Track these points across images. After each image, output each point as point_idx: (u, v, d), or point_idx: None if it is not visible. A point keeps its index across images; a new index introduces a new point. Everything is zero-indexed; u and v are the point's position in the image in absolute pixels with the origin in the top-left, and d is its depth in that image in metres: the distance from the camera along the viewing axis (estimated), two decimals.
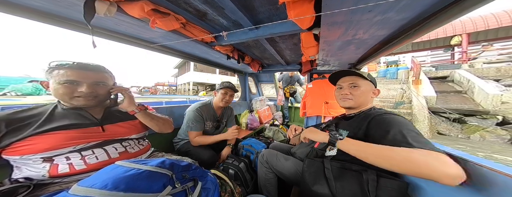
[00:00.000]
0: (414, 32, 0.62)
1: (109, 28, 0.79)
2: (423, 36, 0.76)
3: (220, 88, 1.13)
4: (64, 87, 0.53)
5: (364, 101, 0.66)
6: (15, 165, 0.49)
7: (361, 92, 0.66)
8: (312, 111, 1.62)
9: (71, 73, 0.53)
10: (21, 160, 0.48)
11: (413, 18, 0.58)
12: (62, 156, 0.51)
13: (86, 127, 0.57)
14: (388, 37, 0.75)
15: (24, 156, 0.47)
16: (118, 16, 0.64)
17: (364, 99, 0.66)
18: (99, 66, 0.62)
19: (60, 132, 0.52)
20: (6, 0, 0.54)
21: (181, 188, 0.46)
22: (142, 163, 0.45)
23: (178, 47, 1.10)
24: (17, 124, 0.48)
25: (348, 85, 0.68)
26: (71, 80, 0.53)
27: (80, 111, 0.59)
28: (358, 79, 0.67)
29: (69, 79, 0.53)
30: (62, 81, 0.52)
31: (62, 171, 0.50)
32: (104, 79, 0.62)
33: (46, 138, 0.49)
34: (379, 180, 0.48)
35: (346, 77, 0.70)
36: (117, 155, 0.60)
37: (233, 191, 0.74)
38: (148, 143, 0.77)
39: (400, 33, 0.69)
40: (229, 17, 0.81)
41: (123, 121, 0.68)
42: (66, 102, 0.57)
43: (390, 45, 0.79)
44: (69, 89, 0.54)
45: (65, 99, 0.55)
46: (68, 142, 0.52)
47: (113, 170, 0.40)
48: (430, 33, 6.36)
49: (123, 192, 0.35)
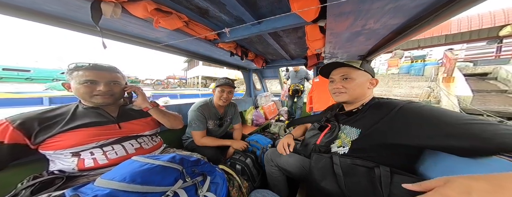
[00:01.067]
0: (433, 18, 0.55)
1: (117, 29, 0.83)
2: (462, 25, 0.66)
3: (216, 86, 1.09)
4: (84, 86, 0.58)
5: (360, 94, 0.60)
6: (50, 159, 0.56)
7: (355, 84, 0.59)
8: (319, 105, 1.58)
9: (89, 73, 0.58)
10: (54, 155, 0.54)
11: (431, 4, 0.52)
12: (87, 151, 0.57)
13: (105, 124, 0.63)
14: (402, 26, 0.68)
15: (57, 151, 0.53)
16: (124, 17, 0.67)
17: (360, 91, 0.60)
18: (112, 67, 0.67)
19: (83, 129, 0.57)
20: (20, 6, 0.58)
21: (191, 182, 0.49)
22: (155, 158, 0.48)
23: (183, 46, 1.12)
24: (47, 122, 0.54)
25: (340, 77, 0.62)
26: (90, 80, 0.58)
27: (98, 110, 0.64)
28: (351, 70, 0.60)
29: (88, 79, 0.58)
30: (82, 81, 0.57)
31: (88, 165, 0.56)
32: (117, 78, 0.67)
33: (72, 135, 0.55)
34: (393, 177, 0.45)
35: (337, 69, 0.64)
36: (134, 150, 0.65)
37: (241, 186, 0.77)
38: (161, 140, 0.82)
39: (416, 21, 0.62)
40: (231, 13, 0.80)
41: (137, 119, 0.73)
42: (87, 101, 0.62)
43: (404, 34, 0.71)
44: (89, 88, 0.59)
45: (86, 98, 0.60)
46: (90, 139, 0.57)
47: (130, 164, 0.44)
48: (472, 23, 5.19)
49: (140, 185, 0.39)
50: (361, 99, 0.62)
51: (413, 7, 0.53)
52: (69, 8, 0.61)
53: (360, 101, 0.62)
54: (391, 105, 0.51)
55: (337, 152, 0.59)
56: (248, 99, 2.34)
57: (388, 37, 0.82)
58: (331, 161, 0.55)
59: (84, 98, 0.61)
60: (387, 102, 0.53)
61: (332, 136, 0.62)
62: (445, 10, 0.50)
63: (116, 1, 0.59)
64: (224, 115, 1.20)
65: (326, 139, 0.64)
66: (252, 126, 2.01)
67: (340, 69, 0.63)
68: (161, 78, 23.58)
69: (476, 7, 0.54)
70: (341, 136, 0.60)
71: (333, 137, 0.62)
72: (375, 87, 0.62)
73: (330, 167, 0.55)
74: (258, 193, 0.60)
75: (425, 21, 0.58)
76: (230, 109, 1.27)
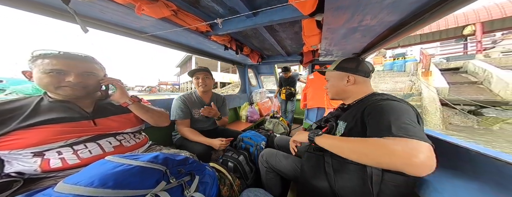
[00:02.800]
0: (429, 16, 0.55)
1: (95, 16, 0.74)
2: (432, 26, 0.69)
3: (191, 76, 1.07)
4: (49, 76, 0.50)
5: (338, 92, 0.68)
6: (5, 160, 0.48)
7: (331, 85, 0.70)
8: (313, 102, 1.59)
9: (57, 62, 0.50)
10: (10, 155, 0.46)
11: (428, 1, 0.51)
12: (53, 151, 0.49)
13: (76, 121, 0.55)
14: (397, 23, 0.68)
15: (13, 151, 0.45)
16: (100, 1, 0.58)
17: (339, 89, 0.67)
18: (88, 56, 0.58)
19: (48, 126, 0.49)
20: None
21: (176, 183, 0.44)
22: (132, 158, 0.42)
23: (172, 37, 1.04)
24: (1, 117, 0.46)
25: (325, 79, 0.74)
26: (57, 69, 0.50)
27: (68, 104, 0.56)
28: (328, 74, 0.71)
29: (55, 68, 0.50)
30: (48, 70, 0.49)
31: (54, 166, 0.49)
32: (93, 69, 0.58)
33: (33, 132, 0.47)
34: (384, 175, 0.45)
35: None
36: (112, 149, 0.58)
37: (233, 184, 0.73)
38: (145, 136, 0.75)
39: (411, 19, 0.62)
40: (224, 3, 0.74)
41: (116, 115, 0.65)
42: (52, 93, 0.54)
43: (399, 32, 0.72)
44: (56, 78, 0.51)
45: (50, 89, 0.52)
46: (57, 137, 0.50)
47: (101, 165, 0.38)
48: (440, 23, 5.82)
49: (111, 189, 0.33)
50: (347, 96, 0.66)
51: (412, 2, 0.52)
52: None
53: (354, 97, 0.64)
54: (367, 102, 0.54)
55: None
56: (243, 95, 2.30)
57: (383, 34, 0.81)
58: (323, 159, 0.55)
59: (48, 89, 0.52)
60: (369, 100, 0.56)
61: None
62: (440, 8, 0.50)
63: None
64: (210, 104, 1.14)
65: None
66: (246, 123, 1.98)
67: (326, 73, 0.74)
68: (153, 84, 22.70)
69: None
70: (336, 133, 0.60)
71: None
72: (353, 83, 0.63)
73: (321, 165, 0.55)
74: (250, 193, 0.57)
75: (421, 19, 0.58)
76: (218, 99, 1.23)
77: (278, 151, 0.83)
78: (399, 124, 0.40)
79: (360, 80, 0.63)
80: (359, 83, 0.63)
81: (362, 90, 0.63)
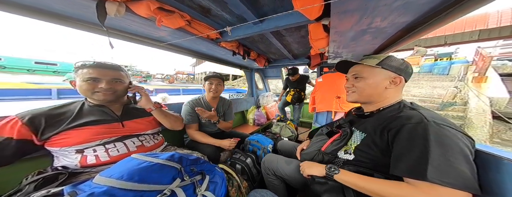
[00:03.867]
0: (445, 15, 0.51)
1: (122, 28, 0.84)
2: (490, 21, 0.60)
3: (205, 80, 1.13)
4: (87, 83, 0.60)
5: (373, 94, 0.54)
6: (55, 155, 0.58)
7: (366, 84, 0.54)
8: (322, 106, 1.55)
9: (92, 71, 0.60)
10: (59, 151, 0.56)
11: (442, 1, 0.49)
12: (90, 149, 0.58)
13: (109, 123, 0.64)
14: (411, 24, 0.64)
15: (62, 148, 0.55)
16: (128, 16, 0.68)
17: (373, 92, 0.54)
18: (116, 65, 0.68)
19: (88, 127, 0.59)
20: (30, 6, 0.60)
21: (189, 181, 0.49)
22: (153, 156, 0.48)
23: (185, 45, 1.13)
24: (54, 119, 0.56)
25: (352, 76, 0.58)
26: (93, 77, 0.60)
27: (103, 108, 0.65)
28: (364, 69, 0.55)
29: (91, 76, 0.60)
30: (86, 78, 0.59)
31: (90, 162, 0.57)
32: (120, 76, 0.68)
33: (78, 132, 0.57)
34: None
35: (352, 67, 0.59)
36: (135, 148, 0.66)
37: (240, 185, 0.76)
38: (162, 138, 0.83)
39: (426, 19, 0.58)
40: (232, 12, 0.80)
41: (140, 118, 0.75)
42: (90, 98, 0.64)
43: (414, 32, 0.68)
44: (91, 85, 0.60)
45: (88, 95, 0.62)
46: (95, 137, 0.59)
47: (129, 162, 0.45)
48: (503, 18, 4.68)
49: (137, 183, 0.39)
50: (377, 100, 0.54)
51: (424, 3, 0.50)
52: (76, 8, 0.62)
53: (379, 104, 0.54)
54: (401, 120, 0.44)
55: (341, 158, 0.55)
56: (250, 98, 2.33)
57: (396, 36, 0.78)
58: (342, 190, 0.50)
59: (86, 95, 0.62)
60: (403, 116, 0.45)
61: (342, 144, 0.56)
62: (458, 7, 0.47)
63: (120, 0, 0.59)
64: (217, 111, 1.21)
65: (333, 146, 0.57)
66: (253, 126, 2.00)
67: (355, 67, 0.59)
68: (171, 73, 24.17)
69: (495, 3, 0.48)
70: (349, 142, 0.55)
71: (343, 144, 0.56)
72: (397, 86, 0.52)
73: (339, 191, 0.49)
74: (257, 193, 0.59)
75: (437, 19, 0.55)
76: (224, 103, 1.28)
77: (278, 156, 0.81)
78: (440, 164, 0.34)
79: (403, 84, 0.53)
80: (399, 87, 0.53)
81: (394, 97, 0.54)
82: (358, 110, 0.64)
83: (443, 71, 6.06)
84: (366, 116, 0.57)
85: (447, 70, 5.99)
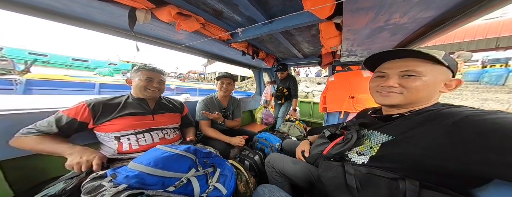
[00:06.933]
0: (477, 9, 0.45)
1: (146, 33, 0.96)
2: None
3: (217, 80, 1.21)
4: (145, 81, 0.74)
5: (424, 98, 0.42)
6: (100, 142, 0.70)
7: (424, 83, 0.40)
8: (334, 106, 1.47)
9: (150, 73, 0.76)
10: (104, 136, 0.67)
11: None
12: (125, 137, 0.69)
13: (143, 115, 0.75)
14: (437, 18, 0.58)
15: (107, 133, 0.67)
16: (153, 22, 0.77)
17: (426, 95, 0.42)
18: (162, 70, 0.83)
19: (129, 117, 0.70)
20: (78, 17, 0.73)
21: (202, 172, 0.55)
22: (174, 147, 0.56)
23: (199, 46, 1.21)
24: (108, 108, 0.68)
25: (399, 73, 0.43)
26: (150, 77, 0.76)
27: (142, 101, 0.78)
28: (420, 64, 0.40)
29: (149, 76, 0.76)
30: (144, 77, 0.74)
31: (124, 149, 0.68)
32: (164, 79, 0.83)
33: (121, 120, 0.68)
34: (422, 192, 0.35)
35: (394, 61, 0.44)
36: (158, 140, 0.76)
37: (248, 181, 0.80)
38: (180, 133, 0.93)
39: (454, 13, 0.52)
40: (243, 14, 0.83)
41: (166, 113, 0.86)
42: (140, 93, 0.76)
43: (441, 28, 0.60)
44: (147, 83, 0.75)
45: (141, 90, 0.75)
46: (132, 125, 0.70)
47: (155, 151, 0.53)
48: None
49: (161, 170, 0.47)
50: (419, 104, 0.44)
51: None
52: (113, 17, 0.74)
53: (414, 106, 0.44)
54: (447, 115, 0.35)
55: (351, 160, 0.50)
56: (258, 98, 2.37)
57: (419, 32, 0.71)
58: (343, 170, 0.47)
59: (140, 90, 0.75)
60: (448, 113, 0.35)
61: (345, 147, 0.51)
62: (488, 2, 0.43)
63: (146, 8, 0.68)
64: (227, 108, 1.28)
65: (335, 150, 0.53)
66: (261, 125, 2.04)
67: (400, 60, 0.43)
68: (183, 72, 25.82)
69: None
70: (365, 143, 0.49)
71: (346, 148, 0.51)
72: (452, 90, 0.42)
73: (342, 178, 0.46)
74: (264, 187, 0.61)
75: (468, 12, 0.49)
76: (234, 102, 1.34)
77: (285, 156, 0.79)
78: None
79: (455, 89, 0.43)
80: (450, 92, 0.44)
81: (435, 101, 0.44)
82: (376, 112, 0.55)
83: (497, 80, 5.02)
84: (388, 119, 0.47)
85: (502, 79, 4.96)
